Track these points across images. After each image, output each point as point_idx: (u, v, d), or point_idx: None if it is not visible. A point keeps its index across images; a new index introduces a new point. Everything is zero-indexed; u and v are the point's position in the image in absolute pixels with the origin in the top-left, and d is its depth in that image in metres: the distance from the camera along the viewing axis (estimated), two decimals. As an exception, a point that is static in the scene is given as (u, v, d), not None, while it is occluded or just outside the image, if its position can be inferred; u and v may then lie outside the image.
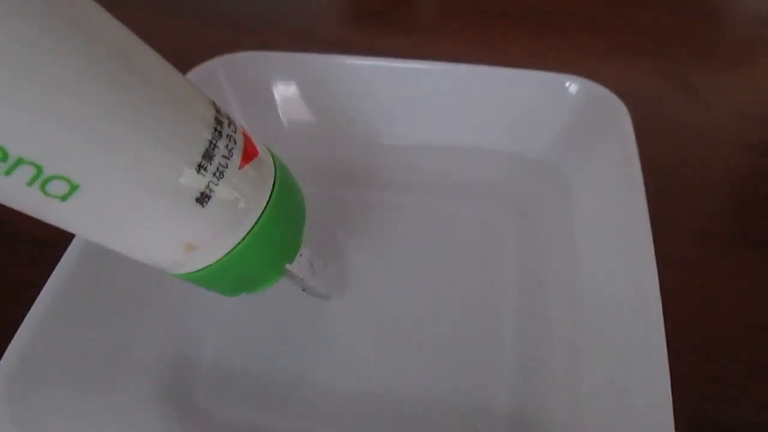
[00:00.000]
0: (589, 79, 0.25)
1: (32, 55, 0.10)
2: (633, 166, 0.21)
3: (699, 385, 0.21)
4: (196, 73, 0.25)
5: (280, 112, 0.27)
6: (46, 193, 0.11)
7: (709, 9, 0.39)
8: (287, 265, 0.17)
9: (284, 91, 0.27)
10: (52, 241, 0.19)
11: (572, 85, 0.25)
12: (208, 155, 0.13)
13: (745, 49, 0.36)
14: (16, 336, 0.17)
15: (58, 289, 0.19)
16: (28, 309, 0.18)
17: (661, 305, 0.17)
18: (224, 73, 0.26)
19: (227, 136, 0.14)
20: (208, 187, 0.13)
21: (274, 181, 0.15)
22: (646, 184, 0.21)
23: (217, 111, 0.14)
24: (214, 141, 0.13)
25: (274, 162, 0.16)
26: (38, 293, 0.18)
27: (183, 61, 0.25)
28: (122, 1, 0.38)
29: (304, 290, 0.19)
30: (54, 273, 0.19)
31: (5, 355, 0.17)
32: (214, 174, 0.13)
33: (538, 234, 0.24)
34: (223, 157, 0.13)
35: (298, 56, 0.26)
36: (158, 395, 0.20)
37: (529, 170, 0.25)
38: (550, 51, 0.35)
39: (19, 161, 0.10)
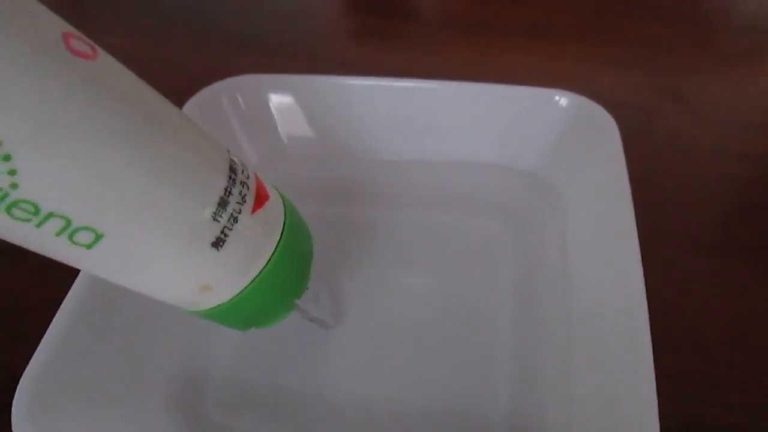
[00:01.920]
0: (581, 90, 0.25)
1: (70, 122, 0.10)
2: (621, 178, 0.22)
3: (691, 390, 0.21)
4: (200, 97, 0.25)
5: (280, 132, 0.27)
6: (73, 243, 0.12)
7: (698, 19, 0.38)
8: (296, 300, 0.18)
9: (285, 112, 0.27)
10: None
11: (562, 99, 0.25)
12: (223, 202, 0.14)
13: (735, 59, 0.35)
14: (36, 353, 0.18)
15: (74, 306, 0.19)
16: (47, 327, 0.18)
17: (647, 312, 0.18)
18: (227, 97, 0.26)
19: (241, 183, 0.14)
20: (223, 232, 0.14)
21: (284, 222, 0.16)
22: (637, 193, 0.21)
23: (232, 160, 0.15)
24: (228, 188, 0.14)
25: (283, 202, 0.16)
26: (56, 312, 0.19)
27: (186, 85, 0.25)
28: (125, 27, 0.39)
29: (310, 320, 0.20)
30: (71, 290, 0.19)
31: (26, 371, 0.17)
32: (229, 219, 0.14)
33: (531, 244, 0.25)
34: (237, 203, 0.14)
35: (297, 78, 0.26)
36: (169, 407, 0.20)
37: (522, 183, 0.26)
38: (543, 63, 0.35)
39: (50, 215, 0.11)
